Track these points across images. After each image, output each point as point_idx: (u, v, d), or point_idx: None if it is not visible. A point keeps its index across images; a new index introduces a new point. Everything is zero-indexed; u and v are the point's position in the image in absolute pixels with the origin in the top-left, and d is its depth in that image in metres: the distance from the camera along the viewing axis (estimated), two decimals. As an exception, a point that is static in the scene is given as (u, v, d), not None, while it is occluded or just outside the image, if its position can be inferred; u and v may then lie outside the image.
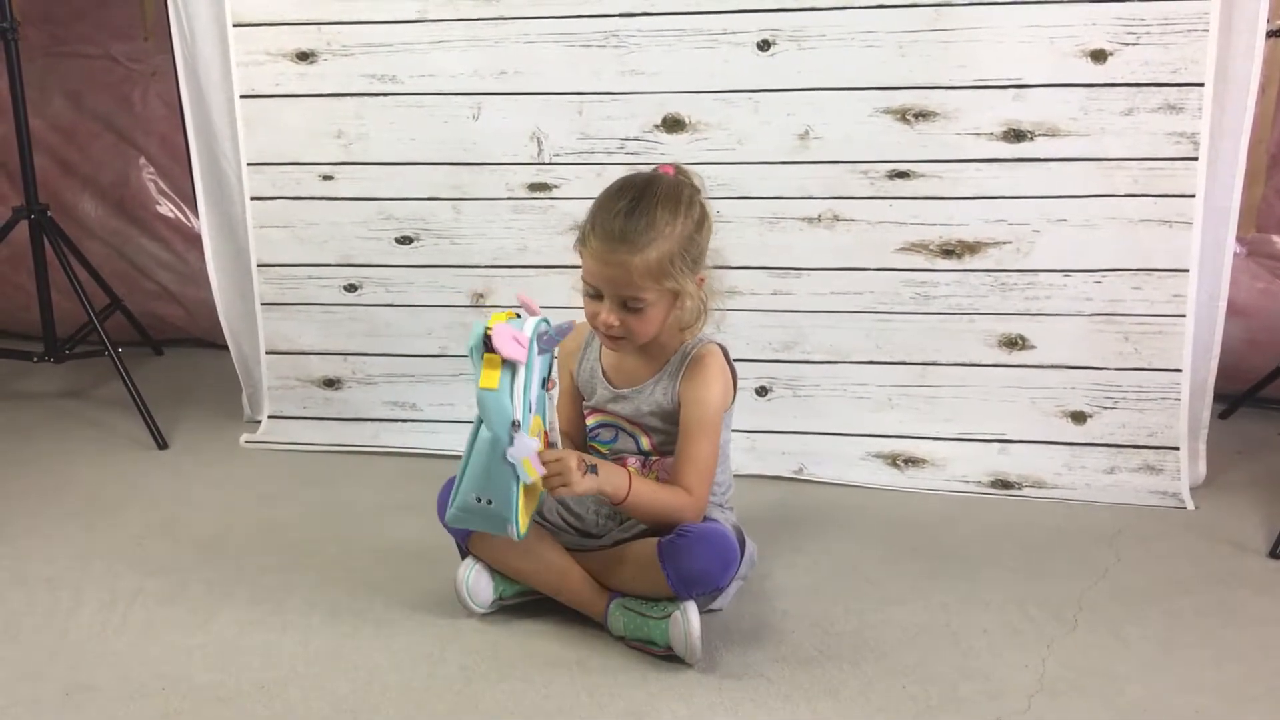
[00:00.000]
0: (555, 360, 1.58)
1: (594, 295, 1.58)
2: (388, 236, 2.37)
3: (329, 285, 2.42)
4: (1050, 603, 1.73)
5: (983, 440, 2.24)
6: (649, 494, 1.58)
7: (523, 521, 1.49)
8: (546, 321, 1.50)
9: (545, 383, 1.56)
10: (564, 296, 2.24)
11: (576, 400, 1.76)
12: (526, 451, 1.43)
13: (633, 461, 1.68)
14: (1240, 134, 2.06)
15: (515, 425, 1.41)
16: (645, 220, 1.51)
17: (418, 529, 1.93)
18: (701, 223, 1.58)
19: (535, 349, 1.46)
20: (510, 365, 1.42)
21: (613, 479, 1.55)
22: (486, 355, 1.42)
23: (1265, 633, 1.65)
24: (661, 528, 1.59)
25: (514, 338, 1.42)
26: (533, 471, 1.44)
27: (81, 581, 1.80)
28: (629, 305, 1.55)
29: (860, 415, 2.28)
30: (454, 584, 1.66)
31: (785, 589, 1.78)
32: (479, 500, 1.47)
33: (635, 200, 1.53)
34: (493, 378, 1.42)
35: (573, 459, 1.50)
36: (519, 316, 1.49)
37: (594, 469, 1.52)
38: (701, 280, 1.60)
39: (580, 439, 1.76)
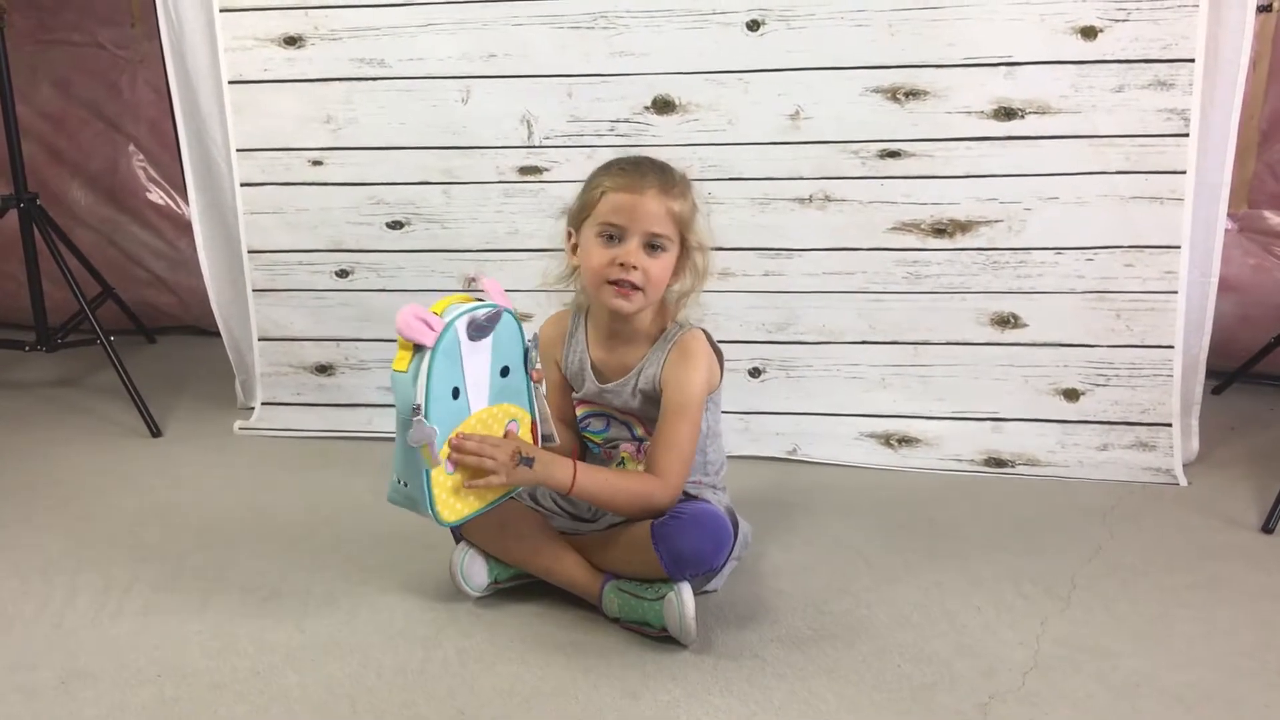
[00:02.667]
0: (531, 350, 1.55)
1: (613, 237, 1.56)
2: (378, 221, 2.36)
3: (320, 271, 2.42)
4: (1044, 580, 1.74)
5: (976, 419, 2.24)
6: (602, 483, 1.56)
7: (445, 506, 1.47)
8: (510, 313, 1.50)
9: (507, 372, 1.52)
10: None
11: (567, 391, 1.75)
12: (425, 438, 1.41)
13: (627, 447, 1.68)
14: (1231, 110, 2.05)
15: (416, 410, 1.40)
16: (675, 174, 1.58)
17: (411, 514, 1.92)
18: (696, 206, 1.61)
19: (461, 335, 1.44)
20: (420, 349, 1.42)
21: (553, 472, 1.52)
22: (401, 338, 1.42)
23: (1258, 607, 1.65)
24: (636, 515, 1.59)
25: (421, 319, 1.40)
26: (429, 459, 1.42)
27: (76, 570, 1.80)
28: (654, 243, 1.55)
29: (853, 395, 2.28)
30: (449, 568, 1.67)
31: (779, 569, 1.78)
32: (399, 482, 1.48)
33: (661, 164, 1.59)
34: (403, 360, 1.42)
35: (505, 449, 1.48)
36: (480, 301, 1.49)
37: (528, 461, 1.50)
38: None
39: (574, 433, 1.76)
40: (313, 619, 1.64)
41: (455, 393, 1.46)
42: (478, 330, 1.46)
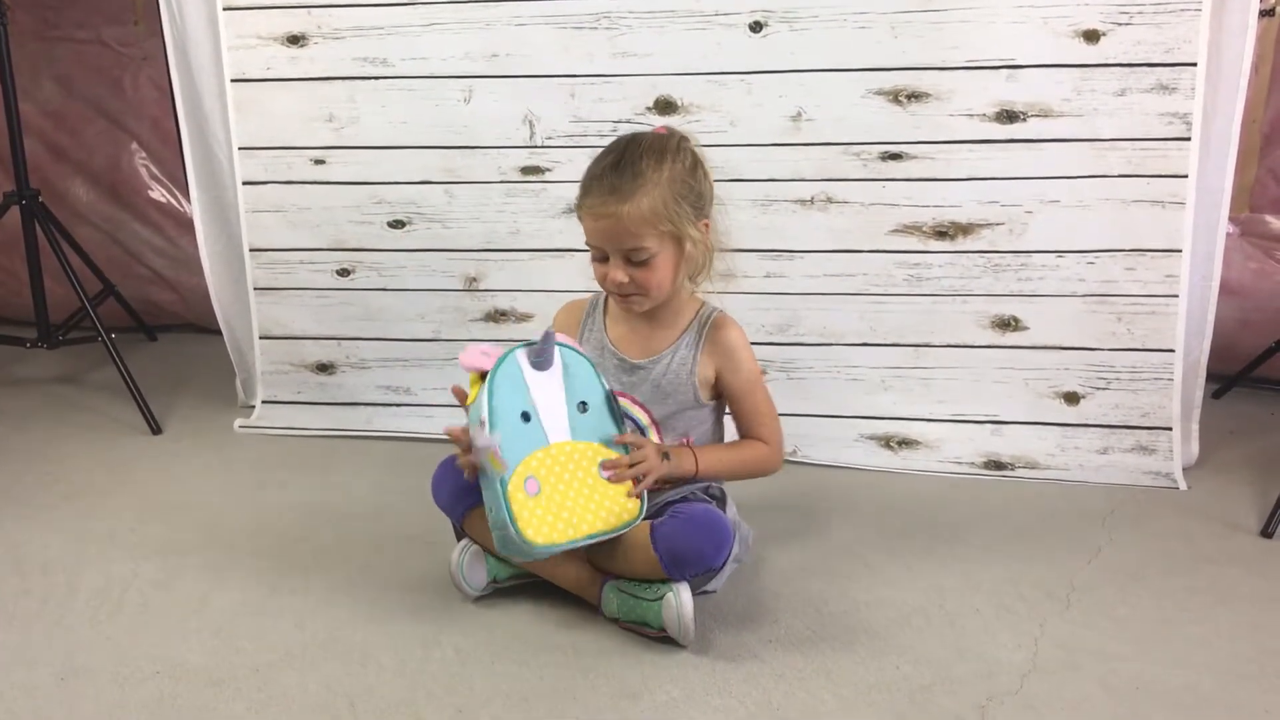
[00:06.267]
0: (606, 385, 1.59)
1: (600, 258, 1.59)
2: (380, 220, 2.36)
3: (321, 270, 2.42)
4: (1043, 583, 1.74)
5: (976, 421, 2.24)
6: (720, 461, 1.65)
7: (529, 525, 1.45)
8: (571, 349, 1.57)
9: (585, 407, 1.55)
10: (559, 279, 2.26)
11: None
12: (487, 444, 1.43)
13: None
14: (1233, 114, 2.05)
15: (481, 424, 1.43)
16: (631, 170, 1.54)
17: (412, 513, 1.93)
18: (695, 168, 1.59)
19: (523, 363, 1.50)
20: (481, 377, 1.47)
21: (682, 465, 1.60)
22: (471, 377, 1.49)
23: (1257, 611, 1.66)
24: (752, 478, 1.68)
25: (481, 351, 1.47)
26: (498, 465, 1.44)
27: (76, 567, 1.80)
28: (633, 259, 1.55)
29: (854, 397, 2.28)
30: (448, 567, 1.67)
31: (779, 570, 1.78)
32: (489, 513, 1.48)
33: (620, 154, 1.57)
34: (472, 395, 1.48)
35: (651, 449, 1.56)
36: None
37: (666, 456, 1.58)
38: (706, 225, 1.60)
39: None
40: (312, 617, 1.64)
41: (525, 416, 1.49)
42: (537, 355, 1.50)
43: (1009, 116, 2.11)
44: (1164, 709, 1.40)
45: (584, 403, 1.55)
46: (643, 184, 1.53)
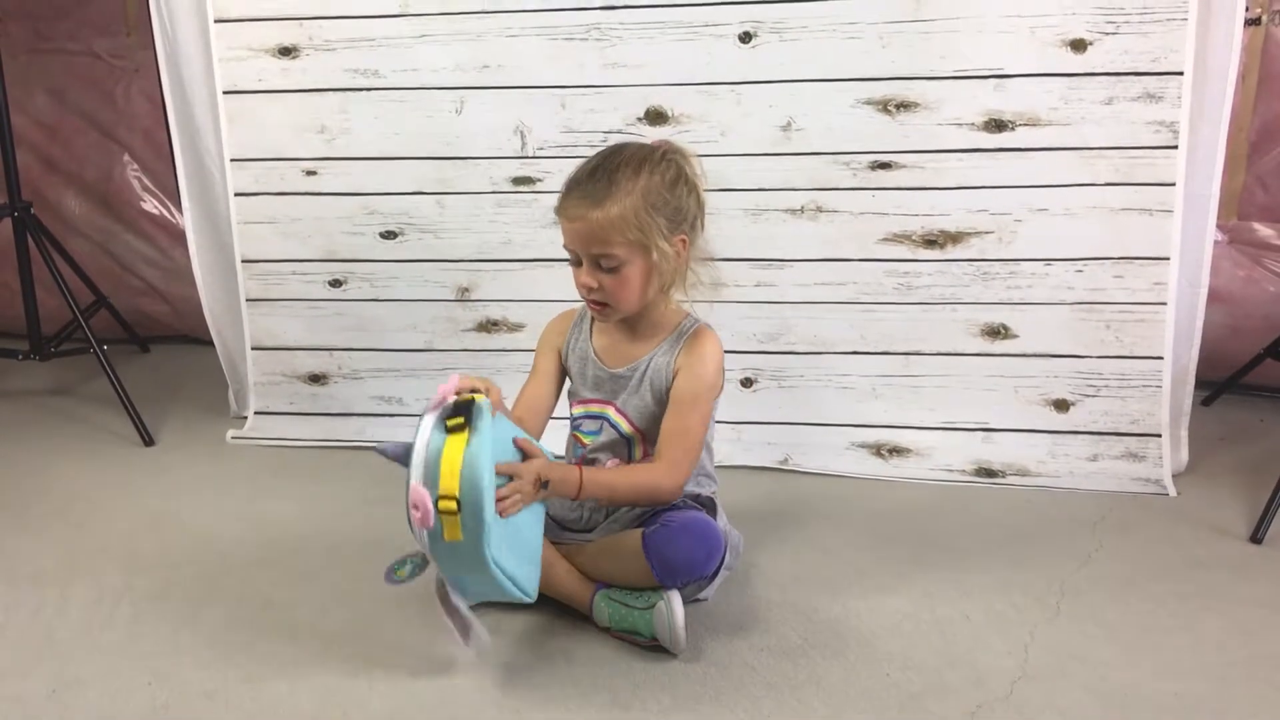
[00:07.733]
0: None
1: (575, 262, 1.59)
2: (372, 231, 2.37)
3: (313, 280, 2.42)
4: (1033, 589, 1.74)
5: (966, 429, 2.25)
6: (606, 483, 1.56)
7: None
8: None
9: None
10: (551, 289, 2.26)
11: (554, 382, 1.74)
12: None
13: (614, 463, 1.68)
14: (1220, 122, 2.06)
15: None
16: (606, 179, 1.54)
17: (404, 523, 1.93)
18: (676, 181, 1.57)
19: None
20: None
21: (567, 489, 1.51)
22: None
23: (1246, 616, 1.66)
24: (643, 505, 1.61)
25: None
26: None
27: (68, 579, 1.80)
28: (602, 265, 1.55)
29: (845, 405, 2.28)
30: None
31: (770, 578, 1.79)
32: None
33: (600, 161, 1.58)
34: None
35: (529, 480, 1.44)
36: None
37: (545, 484, 1.48)
38: (684, 241, 1.59)
39: (540, 425, 1.72)
40: (304, 628, 1.64)
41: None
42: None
43: (997, 126, 2.12)
44: (1153, 714, 1.41)
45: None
46: (615, 191, 1.53)
